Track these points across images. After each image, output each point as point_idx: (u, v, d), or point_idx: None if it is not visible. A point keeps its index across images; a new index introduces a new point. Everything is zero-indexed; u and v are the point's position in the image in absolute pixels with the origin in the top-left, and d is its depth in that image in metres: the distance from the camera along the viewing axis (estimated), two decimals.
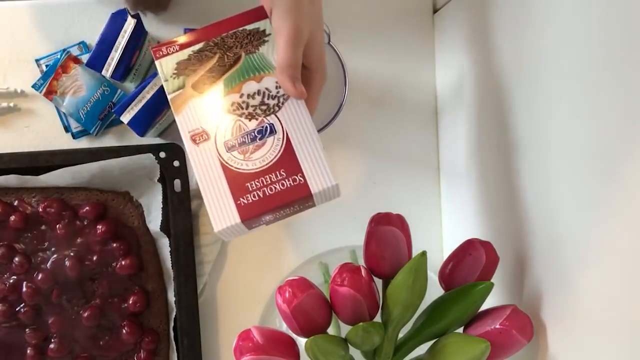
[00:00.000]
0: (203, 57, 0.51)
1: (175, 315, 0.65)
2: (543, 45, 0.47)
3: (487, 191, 0.60)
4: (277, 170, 0.48)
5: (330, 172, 0.48)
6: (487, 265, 0.52)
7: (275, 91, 0.50)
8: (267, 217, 0.48)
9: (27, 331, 0.64)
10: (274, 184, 0.47)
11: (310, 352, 0.47)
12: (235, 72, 0.50)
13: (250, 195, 0.47)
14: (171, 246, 0.65)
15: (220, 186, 0.48)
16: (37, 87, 0.68)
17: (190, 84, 0.50)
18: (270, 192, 0.47)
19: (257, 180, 0.48)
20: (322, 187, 0.47)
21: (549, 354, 0.48)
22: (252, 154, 0.48)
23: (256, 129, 0.49)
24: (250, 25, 0.52)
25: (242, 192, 0.47)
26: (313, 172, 0.48)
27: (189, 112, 0.50)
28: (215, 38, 0.51)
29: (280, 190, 0.47)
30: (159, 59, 0.51)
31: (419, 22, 0.73)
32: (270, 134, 0.49)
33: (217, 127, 0.49)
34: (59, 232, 0.64)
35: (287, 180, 0.47)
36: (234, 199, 0.47)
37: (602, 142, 0.40)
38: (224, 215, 0.47)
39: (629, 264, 0.37)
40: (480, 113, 0.61)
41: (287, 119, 0.49)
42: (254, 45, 0.51)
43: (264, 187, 0.47)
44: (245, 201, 0.47)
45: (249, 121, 0.49)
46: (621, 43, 0.37)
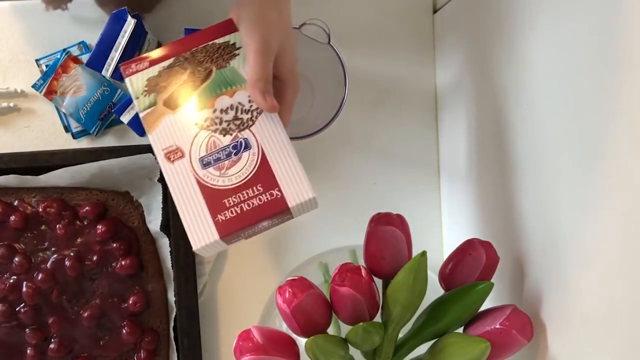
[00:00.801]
0: (174, 73, 0.50)
1: (175, 315, 0.65)
2: (543, 45, 0.47)
3: (487, 191, 0.60)
4: (254, 186, 0.47)
5: (308, 184, 0.48)
6: (487, 265, 0.52)
7: (249, 105, 0.49)
8: (246, 232, 0.48)
9: (27, 331, 0.64)
10: (251, 200, 0.47)
11: (310, 352, 0.47)
12: (207, 88, 0.50)
13: (227, 211, 0.47)
14: (171, 246, 0.65)
15: (197, 204, 0.47)
16: (37, 87, 0.68)
17: (161, 101, 0.50)
18: (248, 208, 0.47)
19: (234, 197, 0.47)
20: (299, 201, 0.47)
21: (549, 354, 0.48)
22: (227, 169, 0.48)
23: (231, 145, 0.49)
24: (220, 39, 0.51)
25: (219, 208, 0.47)
26: (290, 185, 0.47)
27: (161, 129, 0.49)
28: (185, 53, 0.51)
29: (257, 206, 0.47)
30: (129, 76, 0.51)
31: (419, 22, 0.73)
32: (245, 149, 0.48)
33: (192, 144, 0.49)
34: (59, 232, 0.64)
35: (264, 195, 0.47)
36: (212, 216, 0.47)
37: (602, 142, 0.40)
38: (202, 232, 0.47)
39: (629, 264, 0.37)
40: (480, 113, 0.61)
41: (262, 133, 0.49)
42: (225, 59, 0.50)
43: (241, 203, 0.47)
44: (223, 218, 0.47)
45: (223, 136, 0.49)
46: (621, 44, 0.37)
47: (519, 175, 0.52)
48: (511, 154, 0.54)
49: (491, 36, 0.57)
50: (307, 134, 0.61)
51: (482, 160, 0.61)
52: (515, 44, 0.52)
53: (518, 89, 0.52)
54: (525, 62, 0.51)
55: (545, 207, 0.48)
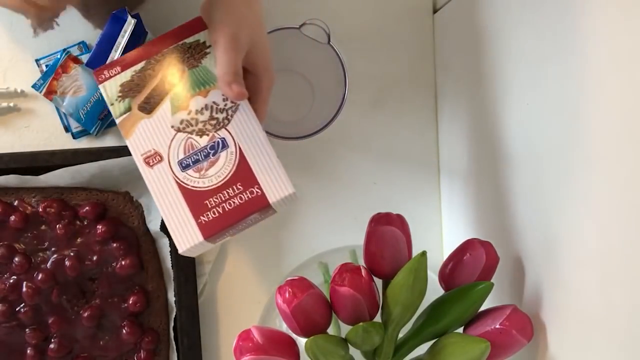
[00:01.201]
0: (146, 76, 0.50)
1: (175, 315, 0.65)
2: (543, 45, 0.47)
3: (487, 191, 0.60)
4: (234, 185, 0.48)
5: (287, 180, 0.48)
6: (487, 265, 0.52)
7: (223, 104, 0.49)
8: (230, 231, 0.48)
9: (27, 331, 0.64)
10: (232, 199, 0.47)
11: (310, 352, 0.47)
12: (180, 89, 0.50)
13: (210, 212, 0.47)
14: (171, 246, 0.65)
15: (179, 207, 0.48)
16: (37, 87, 0.68)
17: (136, 105, 0.50)
18: (230, 207, 0.47)
19: (215, 197, 0.48)
20: (280, 197, 0.47)
21: (549, 354, 0.48)
22: (207, 171, 0.48)
23: (208, 145, 0.49)
24: (190, 39, 0.51)
25: (201, 210, 0.47)
26: (269, 182, 0.48)
27: (138, 135, 0.49)
28: (157, 55, 0.51)
29: (239, 204, 0.47)
30: (102, 82, 0.51)
31: (419, 22, 0.73)
32: (223, 149, 0.48)
33: (169, 147, 0.49)
34: (59, 232, 0.64)
35: (245, 193, 0.48)
36: (195, 218, 0.47)
37: (602, 142, 0.40)
38: (187, 235, 0.47)
39: (629, 264, 0.37)
40: (480, 113, 0.61)
41: (238, 131, 0.49)
42: (196, 58, 0.50)
43: (222, 203, 0.47)
44: (206, 219, 0.47)
45: (200, 137, 0.49)
46: (622, 42, 0.37)
47: (519, 175, 0.53)
48: (511, 154, 0.54)
49: (491, 36, 0.57)
50: (307, 134, 0.61)
51: (482, 161, 0.61)
52: (515, 44, 0.52)
53: (518, 89, 0.52)
54: (525, 62, 0.51)
55: (545, 207, 0.48)
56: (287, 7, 0.71)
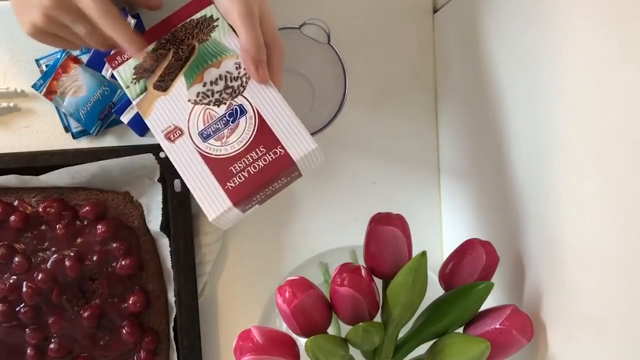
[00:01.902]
0: (158, 56, 0.51)
1: (175, 315, 0.65)
2: (543, 45, 0.47)
3: (487, 191, 0.60)
4: (257, 148, 0.48)
5: (308, 136, 0.48)
6: (487, 265, 0.52)
7: (237, 72, 0.50)
8: (258, 196, 0.49)
9: (27, 331, 0.64)
10: (257, 162, 0.48)
11: (310, 352, 0.47)
12: (193, 63, 0.51)
13: (236, 178, 0.48)
14: (171, 246, 0.65)
15: (205, 176, 0.48)
16: (37, 87, 0.68)
17: (151, 84, 0.51)
18: (255, 170, 0.48)
19: (239, 162, 0.48)
20: (303, 153, 0.48)
21: (549, 354, 0.48)
22: (228, 138, 0.49)
23: (226, 113, 0.49)
24: (196, 15, 0.52)
25: (227, 176, 0.48)
26: (291, 140, 0.48)
27: (157, 112, 0.50)
28: (166, 35, 0.52)
29: (264, 167, 0.48)
30: (116, 68, 0.52)
31: (419, 22, 0.73)
32: (242, 115, 0.49)
33: (189, 121, 0.50)
34: (59, 232, 0.64)
35: (269, 155, 0.48)
36: (221, 185, 0.48)
37: (602, 142, 0.40)
38: (215, 203, 0.48)
39: (629, 264, 0.37)
40: (480, 113, 0.61)
41: (254, 96, 0.50)
42: (205, 33, 0.51)
43: (247, 167, 0.48)
44: (233, 185, 0.48)
45: (218, 107, 0.50)
46: (621, 42, 0.37)
47: (519, 175, 0.53)
48: (511, 154, 0.54)
49: (491, 36, 0.57)
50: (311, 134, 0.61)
51: (482, 160, 0.61)
52: (515, 44, 0.52)
53: (518, 88, 0.52)
54: (525, 61, 0.51)
55: (546, 207, 0.48)
56: (287, 7, 0.71)
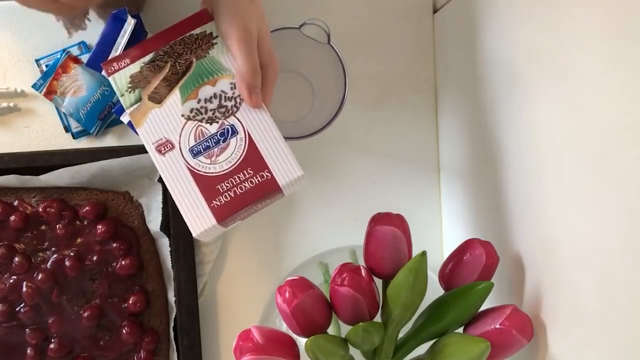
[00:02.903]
0: (155, 67, 0.52)
1: (175, 315, 0.65)
2: (543, 45, 0.47)
3: (487, 191, 0.60)
4: (244, 170, 0.49)
5: (295, 163, 0.49)
6: (487, 265, 0.52)
7: (231, 92, 0.51)
8: (241, 214, 0.50)
9: (27, 331, 0.64)
10: (243, 183, 0.49)
11: (310, 352, 0.47)
12: (189, 79, 0.51)
13: (222, 197, 0.49)
14: (171, 246, 0.65)
15: (192, 192, 0.49)
16: (37, 87, 0.68)
17: (146, 95, 0.51)
18: (241, 191, 0.49)
19: (226, 182, 0.49)
20: (289, 179, 0.49)
21: (549, 354, 0.48)
22: (217, 157, 0.50)
23: (218, 132, 0.50)
24: (196, 30, 0.52)
25: (214, 195, 0.49)
26: (279, 166, 0.49)
27: (150, 123, 0.51)
28: (164, 47, 0.52)
29: (250, 188, 0.49)
30: (112, 74, 0.52)
31: (419, 22, 0.73)
32: (233, 135, 0.50)
33: (180, 135, 0.50)
34: (59, 232, 0.64)
35: (255, 177, 0.49)
36: (207, 203, 0.49)
37: (602, 142, 0.40)
38: (200, 219, 0.49)
39: (628, 264, 0.37)
40: (480, 113, 0.61)
41: (246, 118, 0.50)
42: (204, 49, 0.52)
43: (234, 187, 0.49)
44: (218, 203, 0.49)
45: (210, 125, 0.50)
46: (621, 44, 0.37)
47: (519, 175, 0.53)
48: (511, 154, 0.54)
49: (491, 36, 0.57)
50: (307, 134, 0.61)
51: (482, 160, 0.61)
52: (515, 44, 0.52)
53: (518, 88, 0.52)
54: (525, 61, 0.51)
55: (545, 207, 0.48)
56: (287, 7, 0.71)
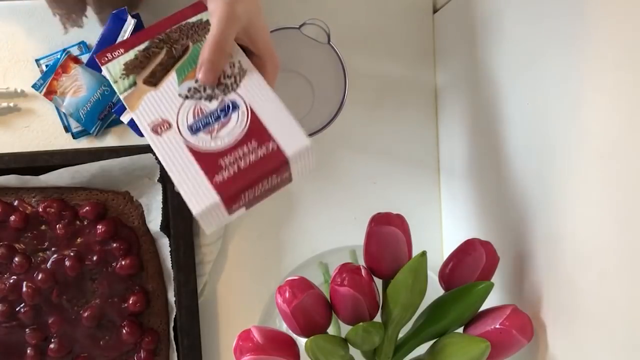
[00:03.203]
0: (150, 53, 0.50)
1: (175, 315, 0.65)
2: (543, 45, 0.47)
3: (487, 191, 0.60)
4: (248, 142, 0.46)
5: (301, 133, 0.46)
6: (487, 265, 0.52)
7: (230, 71, 0.49)
8: (246, 195, 0.46)
9: (27, 331, 0.64)
10: (247, 156, 0.46)
11: (310, 352, 0.47)
12: (186, 61, 0.50)
13: (224, 171, 0.45)
14: (171, 246, 0.65)
15: (192, 170, 0.46)
16: (37, 87, 0.68)
17: (141, 80, 0.49)
18: (245, 165, 0.45)
19: (229, 156, 0.46)
20: (296, 149, 0.46)
21: (549, 354, 0.48)
22: (218, 132, 0.47)
23: (218, 108, 0.48)
24: (192, 18, 0.51)
25: (215, 170, 0.45)
26: (284, 136, 0.46)
27: (145, 106, 0.48)
28: (160, 35, 0.51)
29: (255, 162, 0.46)
30: (105, 64, 0.50)
31: (419, 22, 0.73)
32: (234, 110, 0.47)
33: (178, 114, 0.48)
34: (59, 232, 0.64)
35: (260, 149, 0.46)
36: (209, 179, 0.45)
37: (602, 142, 0.40)
38: (201, 196, 0.45)
39: (629, 264, 0.37)
40: (480, 113, 0.61)
41: (248, 92, 0.48)
42: (200, 34, 0.50)
43: (237, 161, 0.46)
44: (221, 178, 0.45)
45: (209, 102, 0.48)
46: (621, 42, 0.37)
47: (519, 174, 0.53)
48: (511, 154, 0.54)
49: (491, 36, 0.57)
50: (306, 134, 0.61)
51: (482, 160, 0.61)
52: (515, 44, 0.52)
53: (518, 88, 0.52)
54: (525, 61, 0.51)
55: (546, 207, 0.48)
56: (287, 7, 0.71)
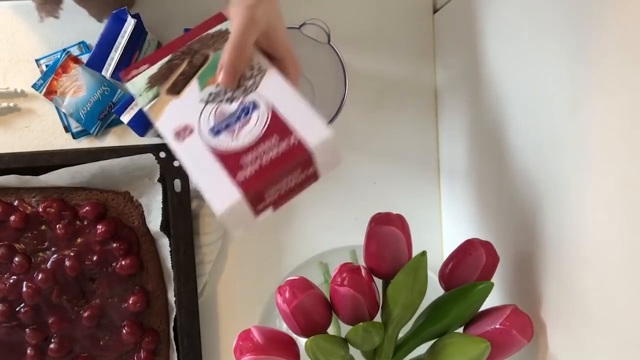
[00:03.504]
0: (173, 65, 0.51)
1: (175, 315, 0.65)
2: (543, 45, 0.47)
3: (487, 191, 0.60)
4: (269, 139, 0.46)
5: (322, 125, 0.46)
6: (487, 265, 0.52)
7: (249, 73, 0.49)
8: (271, 192, 0.46)
9: (27, 331, 0.64)
10: (270, 152, 0.46)
11: (310, 352, 0.47)
12: (207, 68, 0.51)
13: (247, 169, 0.45)
14: (171, 246, 0.65)
15: (214, 171, 0.46)
16: (37, 87, 0.68)
17: (164, 90, 0.51)
18: (268, 161, 0.46)
19: (251, 153, 0.46)
20: (318, 141, 0.46)
21: (549, 354, 0.48)
22: (239, 132, 0.47)
23: (239, 109, 0.48)
24: (212, 29, 0.52)
25: (238, 168, 0.46)
26: (306, 129, 0.46)
27: (167, 115, 0.49)
28: (182, 48, 0.52)
29: (277, 157, 0.46)
30: (130, 80, 0.51)
31: (419, 22, 0.73)
32: (254, 109, 0.48)
33: (200, 119, 0.49)
34: (59, 232, 0.64)
35: (282, 144, 0.46)
36: (231, 177, 0.45)
37: (602, 142, 0.40)
38: (224, 196, 0.45)
39: (629, 264, 0.37)
40: (480, 113, 0.61)
41: (268, 91, 0.48)
42: (220, 42, 0.51)
43: (259, 158, 0.46)
44: (244, 176, 0.45)
45: (230, 104, 0.49)
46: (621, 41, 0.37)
47: (519, 175, 0.53)
48: (511, 154, 0.54)
49: (491, 36, 0.57)
50: None
51: (482, 160, 0.61)
52: (514, 43, 0.52)
53: (518, 88, 0.52)
54: (525, 61, 0.51)
55: (545, 207, 0.48)
56: (287, 7, 0.71)
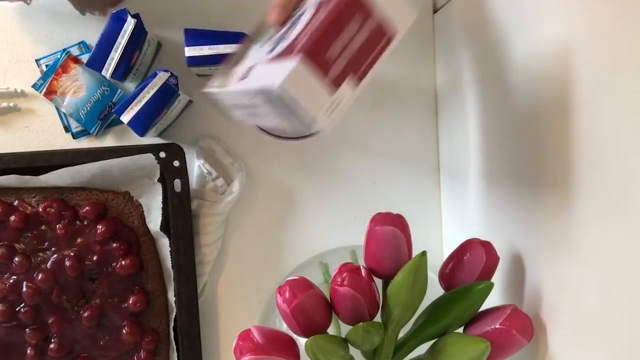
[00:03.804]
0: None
1: (175, 315, 0.65)
2: (543, 44, 0.47)
3: (487, 191, 0.60)
4: (318, 11, 0.42)
5: None
6: (487, 265, 0.52)
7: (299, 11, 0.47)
8: (334, 51, 0.40)
9: (27, 331, 0.64)
10: (318, 15, 0.41)
11: (310, 352, 0.47)
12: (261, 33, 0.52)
13: (299, 41, 0.40)
14: (171, 246, 0.65)
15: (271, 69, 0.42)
16: (37, 87, 0.68)
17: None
18: (316, 21, 0.41)
19: (303, 32, 0.41)
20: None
21: (549, 354, 0.48)
22: (290, 32, 0.44)
23: (290, 22, 0.46)
24: None
25: (292, 48, 0.41)
26: None
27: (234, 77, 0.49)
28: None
29: (327, 13, 0.40)
30: None
31: (419, 22, 0.73)
32: (303, 15, 0.44)
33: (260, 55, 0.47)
34: (59, 232, 0.64)
35: (331, 2, 0.41)
36: (287, 55, 0.40)
37: (602, 141, 0.40)
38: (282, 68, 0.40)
39: (628, 264, 0.37)
40: (480, 113, 0.61)
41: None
42: None
43: (307, 26, 0.41)
44: (299, 45, 0.40)
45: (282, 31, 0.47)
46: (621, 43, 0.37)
47: (519, 174, 0.53)
48: (511, 154, 0.54)
49: (491, 36, 0.57)
50: (306, 134, 0.61)
51: (482, 160, 0.61)
52: (514, 43, 0.52)
53: (518, 88, 0.52)
54: (524, 61, 0.51)
55: (545, 207, 0.48)
56: None
